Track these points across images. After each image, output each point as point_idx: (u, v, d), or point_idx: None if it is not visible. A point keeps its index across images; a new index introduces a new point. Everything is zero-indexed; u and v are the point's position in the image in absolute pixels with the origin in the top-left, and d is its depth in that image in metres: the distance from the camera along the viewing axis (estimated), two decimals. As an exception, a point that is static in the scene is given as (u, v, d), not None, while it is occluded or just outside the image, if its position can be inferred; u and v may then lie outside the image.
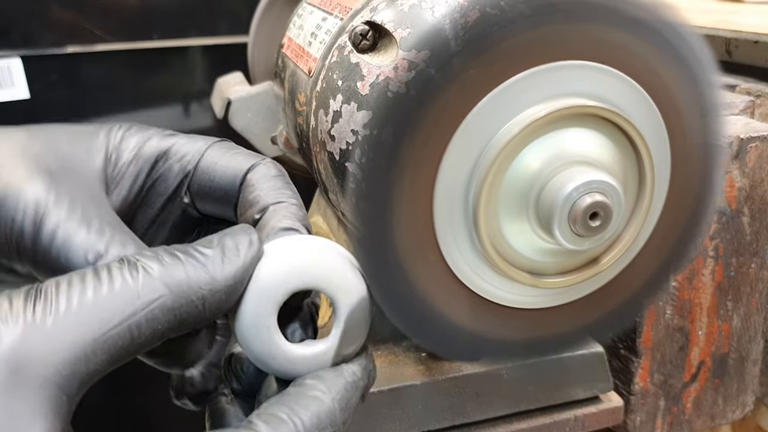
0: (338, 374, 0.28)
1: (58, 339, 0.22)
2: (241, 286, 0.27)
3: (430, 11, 0.34)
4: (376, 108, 0.30)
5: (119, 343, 0.23)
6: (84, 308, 0.22)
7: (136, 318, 0.23)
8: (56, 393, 0.21)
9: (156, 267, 0.24)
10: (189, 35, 0.79)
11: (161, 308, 0.24)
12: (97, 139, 0.33)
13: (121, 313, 0.23)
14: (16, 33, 0.75)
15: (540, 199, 0.31)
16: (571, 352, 0.42)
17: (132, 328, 0.23)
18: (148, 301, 0.23)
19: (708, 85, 0.34)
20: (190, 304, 0.24)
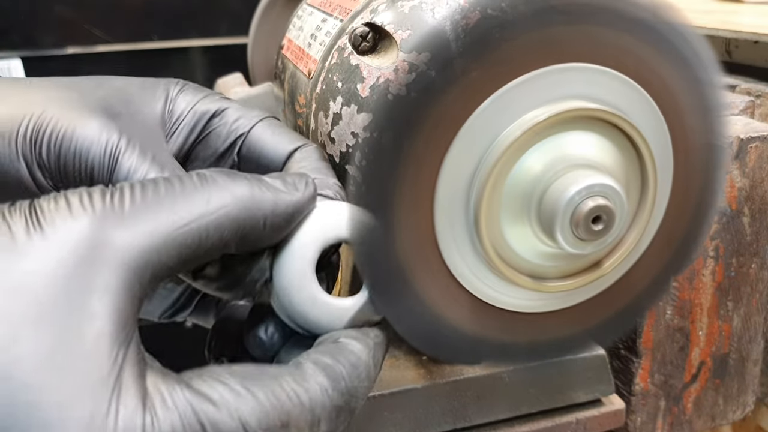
0: (366, 334, 0.29)
1: (133, 226, 0.22)
2: (299, 217, 0.28)
3: (430, 13, 0.34)
4: (377, 110, 0.30)
5: (188, 242, 0.24)
6: (157, 204, 0.23)
7: (204, 221, 0.24)
8: (131, 276, 0.22)
9: (225, 180, 0.26)
10: (189, 36, 0.79)
11: (227, 216, 0.25)
12: (158, 88, 0.34)
13: (191, 213, 0.24)
14: (17, 34, 0.75)
15: (542, 203, 0.31)
16: (573, 355, 0.42)
17: (201, 229, 0.24)
18: (216, 206, 0.25)
19: (709, 86, 0.34)
20: (253, 219, 0.26)
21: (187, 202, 0.24)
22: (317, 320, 0.29)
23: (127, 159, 0.30)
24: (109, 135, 0.30)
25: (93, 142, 0.30)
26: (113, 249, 0.22)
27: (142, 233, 0.23)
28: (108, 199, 0.23)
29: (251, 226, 0.26)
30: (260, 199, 0.26)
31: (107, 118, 0.31)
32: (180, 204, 0.24)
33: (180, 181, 0.25)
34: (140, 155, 0.30)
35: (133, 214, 0.23)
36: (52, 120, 0.30)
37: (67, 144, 0.30)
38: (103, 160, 0.30)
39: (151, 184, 0.24)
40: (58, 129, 0.30)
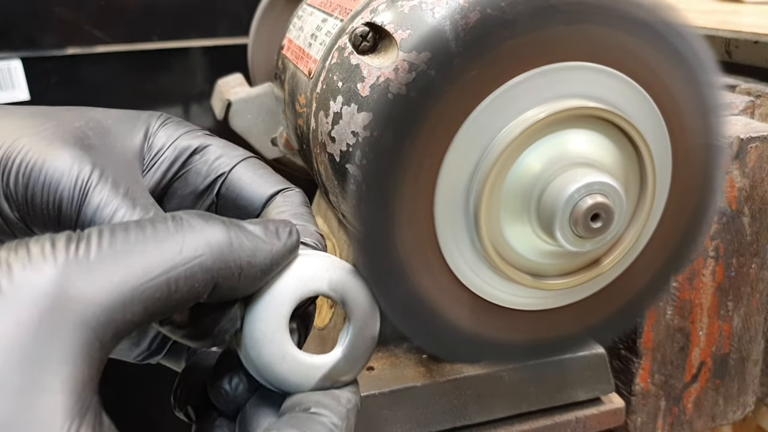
0: (338, 401, 0.28)
1: (98, 281, 0.21)
2: (278, 268, 0.27)
3: (430, 12, 0.34)
4: (377, 110, 0.30)
5: (156, 295, 0.22)
6: (126, 253, 0.22)
7: (176, 272, 0.23)
8: (91, 337, 0.21)
9: (201, 225, 0.24)
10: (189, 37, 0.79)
11: (201, 266, 0.23)
12: (138, 121, 0.33)
13: (161, 264, 0.22)
14: (17, 34, 0.75)
15: (541, 201, 0.31)
16: (573, 354, 0.42)
17: (171, 281, 0.23)
18: (190, 256, 0.23)
19: (709, 86, 0.34)
20: (228, 270, 0.24)
21: (158, 251, 0.23)
22: (286, 377, 0.28)
23: (98, 193, 0.28)
24: (81, 167, 0.29)
25: (63, 174, 0.28)
26: (75, 308, 0.20)
27: (107, 288, 0.21)
28: (73, 248, 0.21)
29: (225, 276, 0.24)
30: (238, 248, 0.25)
31: (81, 150, 0.29)
32: (150, 252, 0.22)
33: (152, 226, 0.23)
34: (112, 189, 0.29)
35: (99, 265, 0.21)
36: (23, 149, 0.29)
37: (36, 174, 0.28)
38: (73, 192, 0.28)
39: (121, 229, 0.23)
40: (28, 159, 0.28)
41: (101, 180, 0.29)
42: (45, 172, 0.28)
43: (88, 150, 0.30)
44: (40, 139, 0.29)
